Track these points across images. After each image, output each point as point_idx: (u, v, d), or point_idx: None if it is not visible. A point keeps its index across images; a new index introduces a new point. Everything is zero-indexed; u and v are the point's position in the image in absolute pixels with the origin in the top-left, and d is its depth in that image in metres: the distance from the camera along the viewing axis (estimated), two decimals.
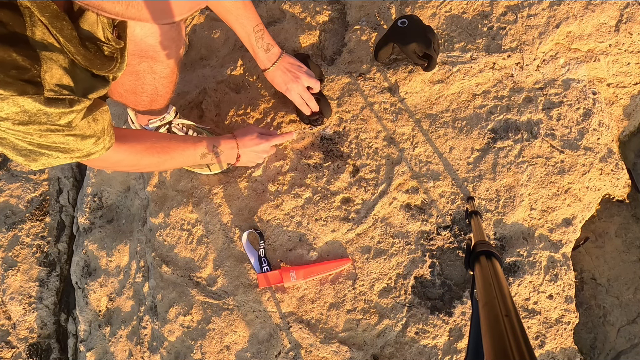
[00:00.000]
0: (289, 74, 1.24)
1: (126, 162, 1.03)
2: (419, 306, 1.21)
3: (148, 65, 1.05)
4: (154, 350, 1.34)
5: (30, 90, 0.65)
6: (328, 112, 1.35)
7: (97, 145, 0.84)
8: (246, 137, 1.24)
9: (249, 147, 1.25)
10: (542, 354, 1.16)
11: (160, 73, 1.09)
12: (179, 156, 1.13)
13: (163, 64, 1.07)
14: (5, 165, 1.75)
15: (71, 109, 0.71)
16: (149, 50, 1.00)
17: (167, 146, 1.10)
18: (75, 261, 1.53)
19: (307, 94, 1.28)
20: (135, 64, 1.02)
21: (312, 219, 1.29)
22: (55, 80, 0.67)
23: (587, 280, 1.31)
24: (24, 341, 1.57)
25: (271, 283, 1.24)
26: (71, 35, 0.66)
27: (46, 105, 0.67)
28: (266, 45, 1.20)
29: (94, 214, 1.56)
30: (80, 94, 0.72)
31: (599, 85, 1.35)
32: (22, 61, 0.62)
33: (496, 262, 0.62)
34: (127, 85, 1.09)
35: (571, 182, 1.26)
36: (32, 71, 0.64)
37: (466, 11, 1.42)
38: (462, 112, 1.34)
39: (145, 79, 1.08)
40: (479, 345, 0.57)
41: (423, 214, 1.27)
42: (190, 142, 1.16)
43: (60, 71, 0.67)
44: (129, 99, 1.14)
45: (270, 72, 1.25)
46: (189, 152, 1.15)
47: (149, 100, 1.16)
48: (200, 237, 1.34)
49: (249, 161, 1.30)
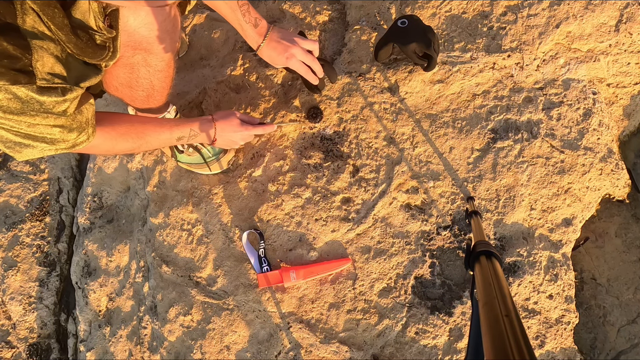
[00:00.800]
0: (283, 43, 1.19)
1: (102, 148, 1.03)
2: (419, 306, 1.21)
3: (142, 57, 1.03)
4: (154, 350, 1.34)
5: (22, 80, 0.65)
6: (334, 76, 1.31)
7: (81, 136, 0.84)
8: (226, 121, 1.22)
9: (227, 132, 1.22)
10: (542, 354, 1.16)
11: (155, 66, 1.07)
12: (154, 140, 1.13)
13: (157, 57, 1.05)
14: (5, 165, 1.75)
15: (64, 97, 0.72)
16: (143, 41, 0.98)
17: (142, 131, 1.09)
18: (75, 261, 1.53)
19: (309, 56, 1.21)
20: (129, 56, 1.01)
21: (312, 219, 1.29)
22: (47, 69, 0.67)
23: (587, 280, 1.31)
24: (24, 341, 1.57)
25: (271, 283, 1.24)
26: (62, 23, 0.66)
27: (39, 94, 0.68)
28: (254, 19, 1.16)
29: (94, 214, 1.56)
30: (72, 82, 0.73)
31: (599, 85, 1.35)
32: (12, 50, 0.62)
33: (496, 262, 0.62)
34: (122, 78, 1.07)
35: (571, 182, 1.26)
36: (24, 60, 0.64)
37: (466, 11, 1.42)
38: (462, 112, 1.34)
39: (140, 72, 1.06)
40: (479, 345, 0.57)
41: (423, 214, 1.27)
42: (166, 126, 1.15)
43: (52, 60, 0.67)
44: (124, 92, 1.12)
45: (264, 48, 1.20)
46: (164, 135, 1.15)
47: (145, 95, 1.15)
48: (200, 237, 1.34)
49: (224, 145, 1.28)
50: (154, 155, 1.46)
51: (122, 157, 1.54)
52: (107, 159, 1.56)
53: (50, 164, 1.73)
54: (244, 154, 1.40)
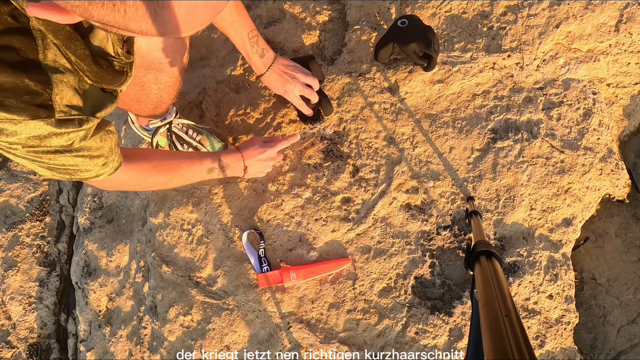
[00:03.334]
0: (285, 76, 1.24)
1: (132, 182, 1.01)
2: (419, 306, 1.21)
3: (154, 76, 1.06)
4: (154, 350, 1.34)
5: (42, 114, 0.64)
6: (329, 109, 1.34)
7: (106, 166, 0.83)
8: (250, 148, 1.23)
9: (254, 158, 1.23)
10: (542, 354, 1.16)
11: (165, 82, 1.10)
12: (185, 173, 1.11)
13: (168, 74, 1.08)
14: (5, 165, 1.75)
15: (80, 128, 0.71)
16: (155, 62, 1.02)
17: (173, 164, 1.08)
18: (75, 261, 1.53)
19: (307, 90, 1.27)
20: (142, 76, 1.03)
21: (312, 219, 1.29)
22: (65, 101, 0.67)
23: (587, 280, 1.31)
24: (24, 341, 1.57)
25: (271, 283, 1.24)
26: (84, 54, 0.66)
27: (57, 126, 0.67)
28: (261, 50, 1.20)
29: (94, 214, 1.56)
30: (88, 112, 0.72)
31: (599, 85, 1.35)
32: (34, 86, 0.62)
33: (496, 262, 0.62)
34: (132, 95, 1.09)
35: (571, 182, 1.26)
36: (44, 95, 0.64)
37: (466, 11, 1.42)
38: (462, 112, 1.34)
39: (151, 89, 1.09)
40: (479, 345, 0.57)
41: (423, 214, 1.27)
42: (196, 159, 1.14)
43: (70, 92, 0.67)
44: (132, 107, 1.14)
45: (267, 77, 1.25)
46: (195, 168, 1.13)
47: (153, 107, 1.17)
48: (200, 237, 1.34)
49: (258, 172, 1.29)
50: None
51: None
52: None
53: None
54: None
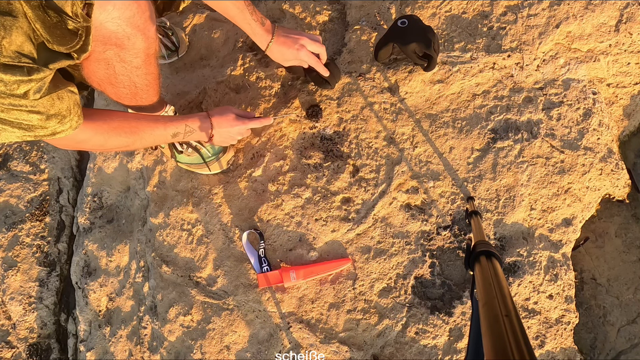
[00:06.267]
0: (292, 37, 1.21)
1: (92, 142, 1.01)
2: (419, 306, 1.21)
3: (115, 52, 1.00)
4: (154, 350, 1.34)
5: None
6: (338, 75, 1.35)
7: (62, 124, 0.83)
8: (222, 117, 1.21)
9: (223, 128, 1.21)
10: (542, 354, 1.16)
11: (130, 62, 1.05)
12: (148, 136, 1.11)
13: (131, 53, 1.03)
14: (5, 165, 1.75)
15: (29, 77, 0.71)
16: (111, 36, 0.97)
17: (135, 126, 1.07)
18: (75, 261, 1.53)
19: (317, 45, 1.23)
20: (101, 51, 0.99)
21: (312, 219, 1.29)
22: (14, 47, 0.67)
23: (587, 280, 1.31)
24: (24, 341, 1.57)
25: (271, 283, 1.24)
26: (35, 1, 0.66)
27: (1, 71, 0.67)
28: (260, 18, 1.17)
29: (94, 214, 1.56)
30: (41, 63, 0.72)
31: (599, 85, 1.35)
32: None
33: (496, 262, 0.62)
34: (100, 74, 1.05)
35: (571, 182, 1.26)
36: None
37: (466, 11, 1.42)
38: (462, 112, 1.34)
39: (116, 68, 1.04)
40: (479, 345, 0.57)
41: (423, 214, 1.27)
42: (161, 122, 1.13)
43: (21, 38, 0.67)
44: (108, 89, 1.10)
45: (273, 45, 1.21)
46: (158, 131, 1.12)
47: (129, 93, 1.13)
48: (200, 237, 1.34)
49: (222, 141, 1.27)
50: (153, 155, 1.46)
51: (122, 157, 1.54)
52: (107, 159, 1.56)
53: (50, 163, 1.73)
54: (243, 154, 1.40)
